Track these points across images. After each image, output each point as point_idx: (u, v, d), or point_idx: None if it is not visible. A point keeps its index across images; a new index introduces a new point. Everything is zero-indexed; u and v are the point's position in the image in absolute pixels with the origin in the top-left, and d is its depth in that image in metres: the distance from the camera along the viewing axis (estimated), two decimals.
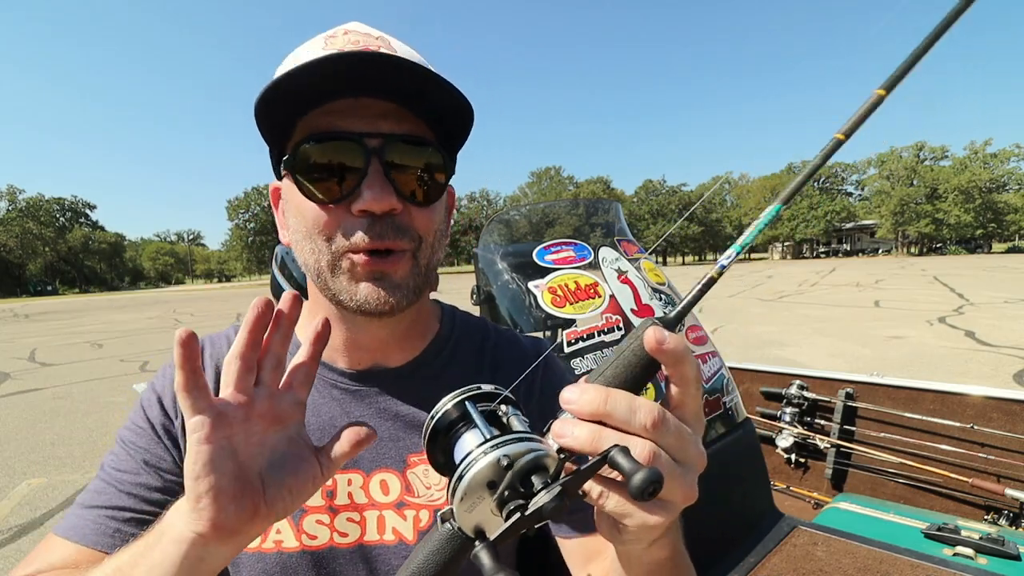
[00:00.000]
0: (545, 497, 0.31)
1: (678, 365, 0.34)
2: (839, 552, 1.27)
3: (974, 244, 57.04)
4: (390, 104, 0.52)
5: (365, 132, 0.51)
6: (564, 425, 0.34)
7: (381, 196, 0.51)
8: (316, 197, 0.52)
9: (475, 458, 0.33)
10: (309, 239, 0.54)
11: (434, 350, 0.67)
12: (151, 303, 32.03)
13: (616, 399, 0.33)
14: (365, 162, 0.51)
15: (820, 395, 2.46)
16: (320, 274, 0.55)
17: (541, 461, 0.33)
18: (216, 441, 0.37)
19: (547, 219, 2.03)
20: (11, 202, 75.19)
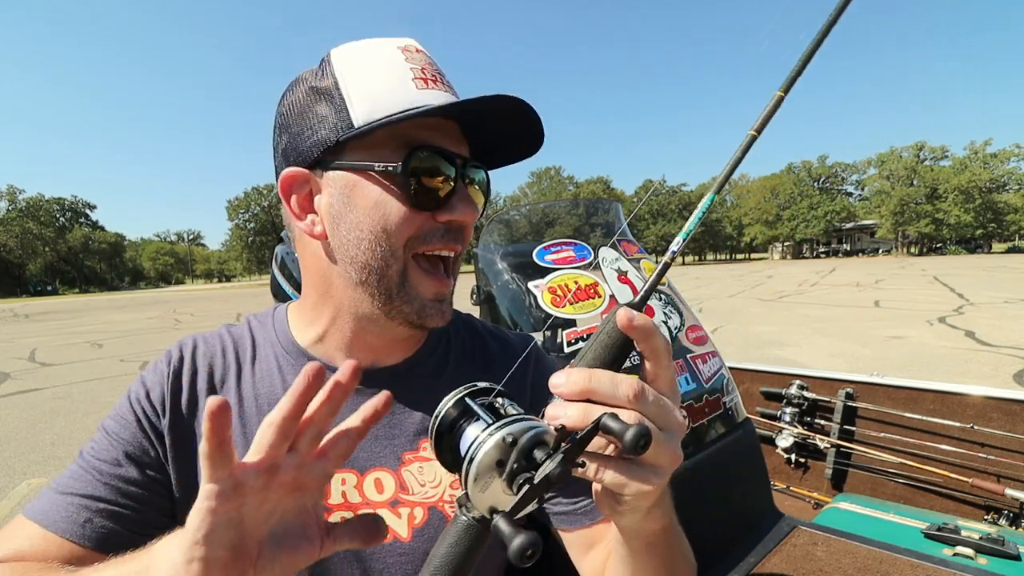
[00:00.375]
0: (550, 465, 0.34)
1: (648, 340, 0.38)
2: (839, 552, 1.27)
3: (974, 244, 57.03)
4: (460, 130, 0.60)
5: (456, 152, 0.58)
6: (556, 407, 0.38)
7: (472, 210, 0.58)
8: (419, 203, 0.56)
9: (481, 441, 0.36)
10: (383, 241, 0.56)
11: (428, 349, 0.69)
12: (151, 303, 32.03)
13: (599, 377, 0.37)
14: (455, 178, 0.57)
15: (820, 395, 2.46)
16: (383, 280, 0.57)
17: (541, 436, 0.36)
18: (224, 513, 0.35)
19: (547, 219, 2.03)
20: (11, 202, 75.19)
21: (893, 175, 59.65)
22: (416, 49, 0.59)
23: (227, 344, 0.66)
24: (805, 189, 68.98)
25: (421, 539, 0.60)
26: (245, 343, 0.67)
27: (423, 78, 0.56)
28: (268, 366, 0.64)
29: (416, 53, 0.58)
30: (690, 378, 1.59)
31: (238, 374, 0.64)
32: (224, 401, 0.32)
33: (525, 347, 0.75)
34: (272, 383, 0.63)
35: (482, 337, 0.74)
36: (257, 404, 0.62)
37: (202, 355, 0.64)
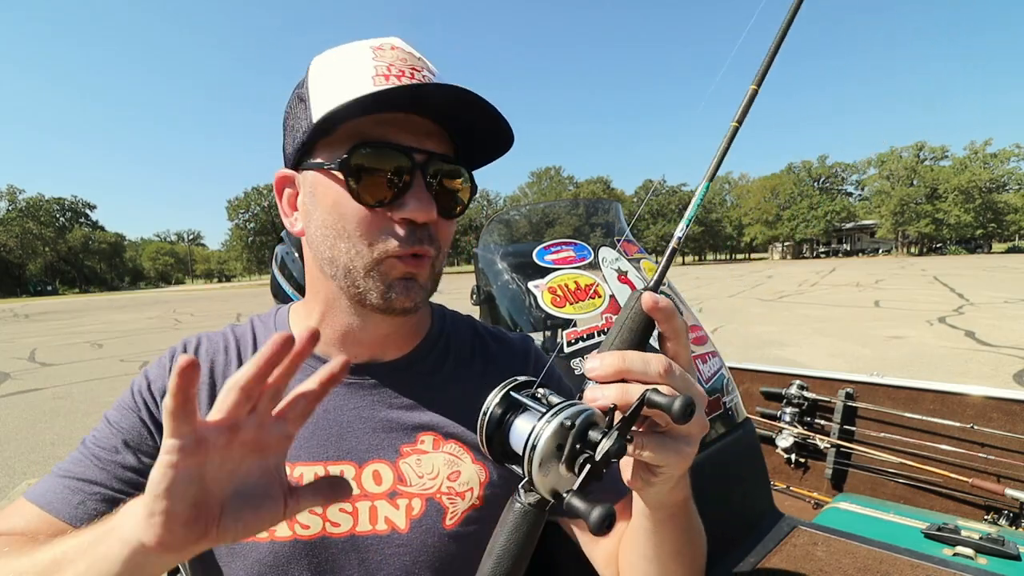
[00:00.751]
0: (607, 442, 0.37)
1: (670, 320, 0.42)
2: (839, 552, 1.27)
3: (974, 244, 57.04)
4: (433, 124, 0.58)
5: (414, 147, 0.56)
6: (593, 390, 0.41)
7: (427, 208, 0.56)
8: (364, 200, 0.55)
9: (541, 429, 0.38)
10: (346, 238, 0.56)
11: (427, 346, 0.69)
12: (151, 303, 32.04)
13: (631, 357, 0.40)
14: (412, 174, 0.55)
15: (820, 395, 2.46)
16: (350, 272, 0.57)
17: (592, 417, 0.39)
18: (185, 468, 0.36)
19: (547, 219, 2.03)
20: (11, 202, 75.21)
21: (893, 175, 59.64)
22: (392, 47, 0.58)
23: (230, 341, 0.68)
24: (805, 189, 68.99)
25: (419, 530, 0.60)
26: (247, 340, 0.68)
27: (385, 74, 0.55)
28: None
29: (390, 51, 0.58)
30: None
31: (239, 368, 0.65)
32: (192, 359, 0.33)
33: (524, 346, 0.76)
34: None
35: (481, 337, 0.75)
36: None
37: (204, 351, 0.66)
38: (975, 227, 54.14)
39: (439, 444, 0.63)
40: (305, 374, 0.63)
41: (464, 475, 0.63)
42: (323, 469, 0.60)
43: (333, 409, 0.63)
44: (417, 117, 0.57)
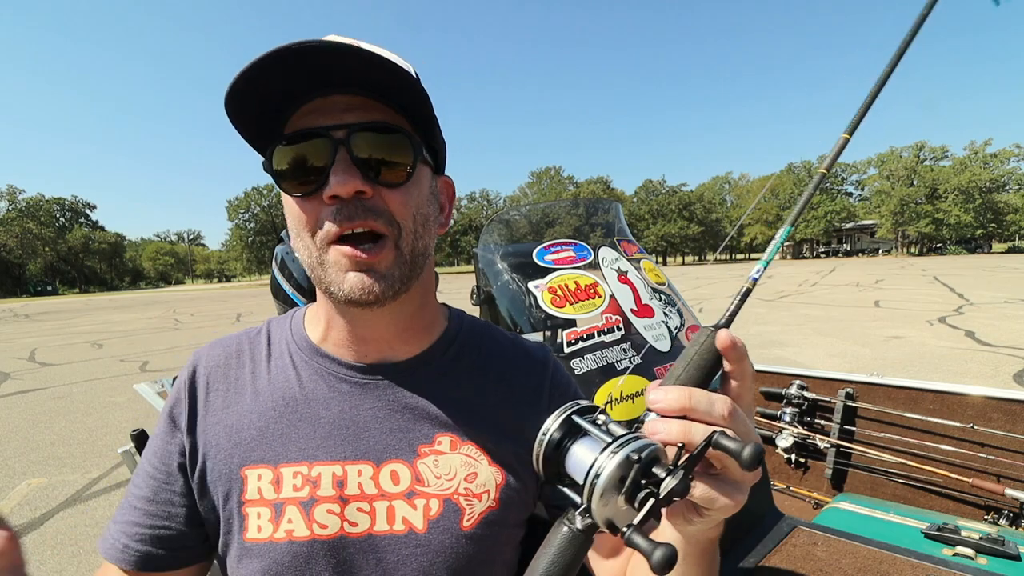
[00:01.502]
0: (672, 481, 0.37)
1: (741, 361, 0.42)
2: (839, 552, 1.27)
3: (974, 244, 57.04)
4: (357, 98, 0.56)
5: (331, 125, 0.54)
6: (656, 423, 0.40)
7: (345, 180, 0.53)
8: (292, 192, 0.56)
9: (605, 460, 0.38)
10: (298, 236, 0.58)
11: (441, 347, 0.68)
12: (151, 303, 32.05)
13: (698, 396, 0.40)
14: (332, 153, 0.54)
15: (820, 395, 2.46)
16: (312, 268, 0.58)
17: (657, 454, 0.39)
18: None
19: (547, 219, 2.03)
20: (11, 202, 75.12)
21: (893, 175, 59.65)
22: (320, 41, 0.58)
23: (243, 346, 0.69)
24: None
25: (436, 530, 0.60)
26: (262, 342, 0.69)
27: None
28: (283, 362, 0.66)
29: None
30: None
31: (253, 371, 0.66)
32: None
33: (542, 355, 0.75)
34: (287, 378, 0.65)
35: (498, 342, 0.74)
36: (273, 399, 0.64)
37: (216, 356, 0.68)
38: (975, 227, 54.15)
39: (456, 445, 0.63)
40: (320, 374, 0.64)
41: (481, 477, 0.63)
42: (340, 468, 0.60)
43: (349, 409, 0.63)
44: (339, 96, 0.55)
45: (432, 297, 0.71)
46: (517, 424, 0.67)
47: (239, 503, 0.60)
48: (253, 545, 0.59)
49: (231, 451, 0.61)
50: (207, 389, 0.65)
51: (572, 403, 0.44)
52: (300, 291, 1.72)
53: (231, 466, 0.61)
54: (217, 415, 0.63)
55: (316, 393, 0.63)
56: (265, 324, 0.73)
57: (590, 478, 0.38)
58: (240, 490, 0.60)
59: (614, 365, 1.47)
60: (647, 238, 69.84)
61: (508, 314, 1.62)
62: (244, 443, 0.61)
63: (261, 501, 0.59)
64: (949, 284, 17.27)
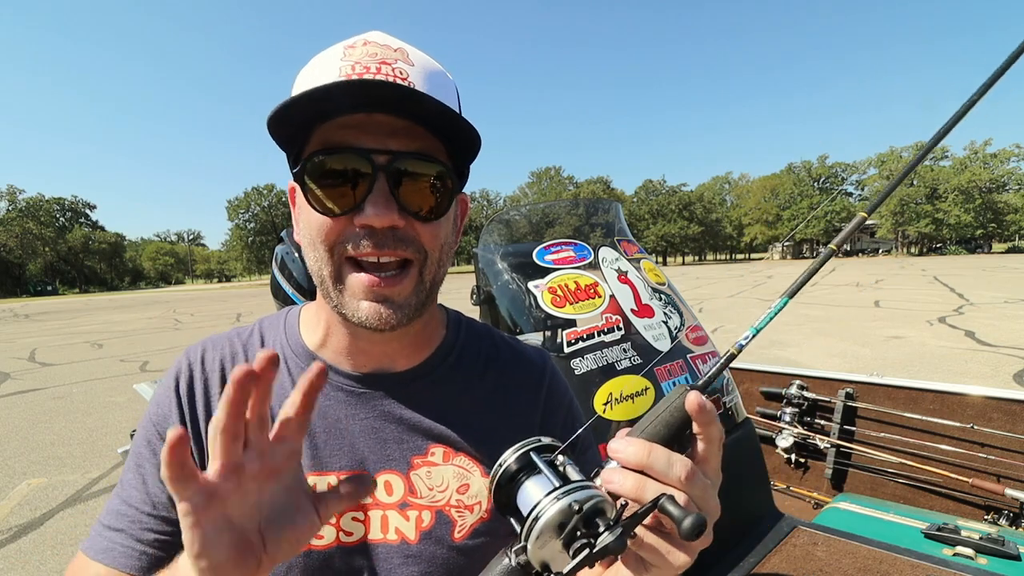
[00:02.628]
0: (609, 537, 0.37)
1: (709, 426, 0.42)
2: (839, 552, 1.27)
3: (974, 244, 57.04)
4: (402, 121, 0.53)
5: (374, 148, 0.52)
6: (613, 473, 0.41)
7: (383, 212, 0.52)
8: (323, 207, 0.53)
9: (548, 504, 0.38)
10: (313, 247, 0.56)
11: (439, 356, 0.68)
12: (151, 303, 32.05)
13: (657, 454, 0.40)
14: (371, 178, 0.52)
15: (820, 395, 2.46)
16: (323, 283, 0.56)
17: (602, 505, 0.39)
18: (207, 523, 0.37)
19: (547, 219, 2.03)
20: (11, 202, 75.10)
21: (893, 175, 59.53)
22: (365, 43, 0.55)
23: (236, 347, 0.67)
24: (805, 189, 69.03)
25: (428, 542, 0.60)
26: (255, 345, 0.67)
27: (348, 75, 0.52)
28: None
29: (362, 47, 0.54)
30: (690, 378, 1.59)
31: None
32: (180, 435, 0.35)
33: (541, 361, 0.74)
34: (282, 384, 0.63)
35: (498, 348, 0.73)
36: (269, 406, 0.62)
37: (212, 359, 0.65)
38: (975, 227, 54.14)
39: (449, 457, 0.63)
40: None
41: (473, 488, 0.63)
42: (335, 478, 0.60)
43: (344, 419, 0.62)
44: (382, 116, 0.52)
45: (435, 308, 0.70)
46: (511, 434, 0.66)
47: None
48: None
49: None
50: (205, 395, 0.63)
51: (534, 439, 0.45)
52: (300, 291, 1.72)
53: None
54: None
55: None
56: (256, 325, 0.71)
57: (530, 518, 0.38)
58: None
59: (614, 365, 1.47)
60: (647, 238, 69.81)
61: (508, 314, 1.61)
62: None
63: None
64: (949, 284, 17.27)
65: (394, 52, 0.55)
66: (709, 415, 0.41)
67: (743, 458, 1.63)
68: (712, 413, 0.42)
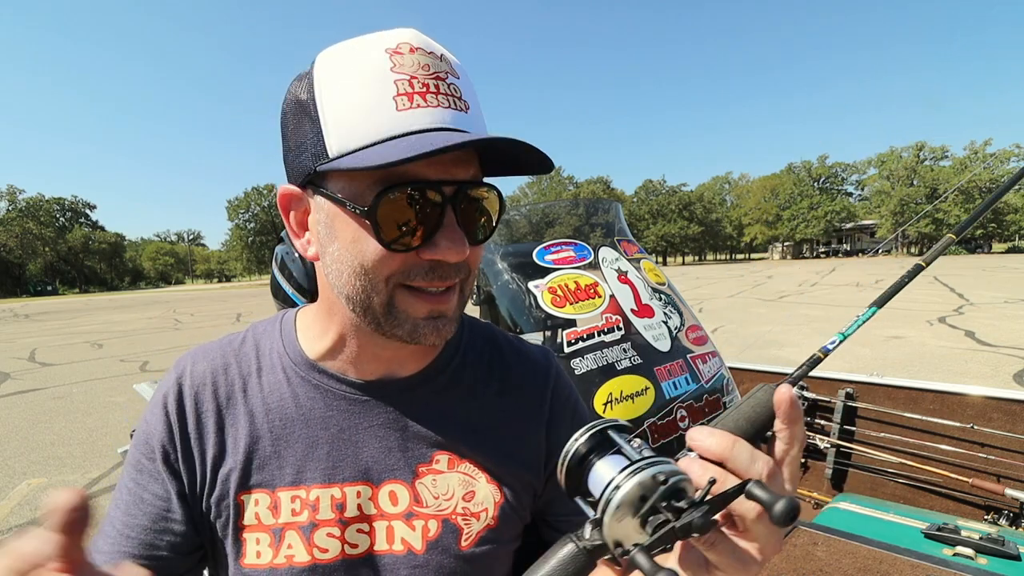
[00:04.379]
0: (695, 514, 0.35)
1: (794, 424, 0.40)
2: (839, 552, 1.27)
3: (974, 244, 57.06)
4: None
5: (441, 180, 0.50)
6: (692, 463, 0.39)
7: (460, 248, 0.51)
8: (388, 243, 0.50)
9: (626, 477, 0.36)
10: (363, 276, 0.52)
11: (444, 361, 0.66)
12: (151, 303, 32.04)
13: (741, 448, 0.38)
14: (441, 212, 0.51)
15: (820, 395, 2.46)
16: (369, 309, 0.54)
17: (685, 483, 0.37)
18: None
19: (547, 219, 2.03)
20: (11, 202, 75.04)
21: (893, 175, 59.66)
22: (411, 48, 0.51)
23: (229, 358, 0.64)
24: (805, 189, 68.98)
25: (435, 552, 0.60)
26: (249, 355, 0.65)
27: (408, 93, 0.49)
28: (275, 378, 0.63)
29: (410, 54, 0.50)
30: (690, 378, 1.59)
31: (244, 388, 0.62)
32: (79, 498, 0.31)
33: (545, 361, 0.73)
34: (281, 396, 0.62)
35: (500, 349, 0.72)
36: (268, 419, 0.61)
37: (203, 372, 0.63)
38: (975, 227, 54.12)
39: (454, 464, 0.62)
40: (318, 391, 0.61)
41: (479, 495, 0.62)
42: (339, 491, 0.59)
43: (347, 428, 0.61)
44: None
45: None
46: (517, 438, 0.66)
47: (236, 529, 0.58)
48: (252, 571, 0.58)
49: (226, 476, 0.59)
50: (196, 411, 0.61)
51: (606, 419, 0.43)
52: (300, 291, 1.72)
53: (226, 492, 0.59)
54: (210, 439, 0.60)
55: (313, 412, 0.61)
56: (249, 331, 0.68)
57: (608, 491, 0.36)
58: (237, 516, 0.58)
59: (614, 365, 1.47)
60: (647, 238, 69.79)
61: (508, 314, 1.61)
62: (239, 467, 0.59)
63: (259, 527, 0.58)
64: (949, 284, 17.27)
65: (440, 61, 0.52)
66: (798, 412, 0.39)
67: None
68: (800, 411, 0.40)
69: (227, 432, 0.60)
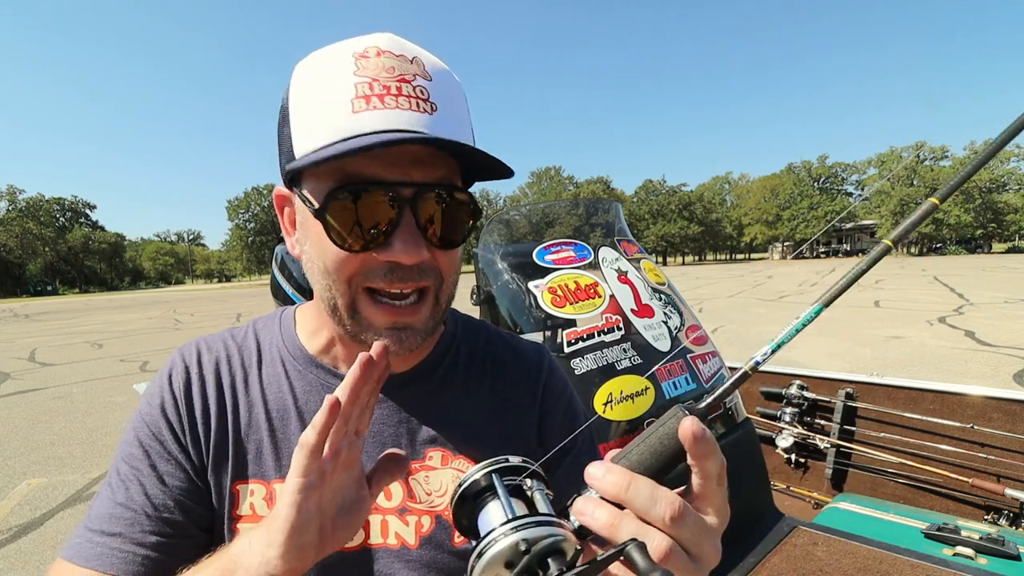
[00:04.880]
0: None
1: (705, 459, 0.35)
2: (839, 552, 1.27)
3: (974, 244, 57.07)
4: (425, 148, 0.51)
5: (399, 181, 0.50)
6: (586, 504, 0.36)
7: (413, 250, 0.51)
8: (344, 242, 0.51)
9: (495, 538, 0.35)
10: (326, 276, 0.53)
11: (437, 357, 0.67)
12: (151, 303, 32.05)
13: (638, 487, 0.35)
14: (398, 213, 0.50)
15: (820, 395, 2.46)
16: (336, 311, 0.55)
17: (559, 546, 0.35)
18: (310, 503, 0.40)
19: (547, 219, 2.03)
20: (11, 202, 75.08)
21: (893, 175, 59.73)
22: (378, 52, 0.51)
23: (232, 349, 0.65)
24: (805, 189, 69.03)
25: (428, 547, 0.60)
26: (250, 347, 0.65)
27: (366, 95, 0.49)
28: (275, 371, 0.63)
29: (376, 57, 0.51)
30: (690, 378, 1.59)
31: (245, 379, 0.63)
32: (334, 403, 0.38)
33: (538, 357, 0.73)
34: (280, 389, 0.62)
35: (494, 345, 0.72)
36: (267, 410, 0.61)
37: (207, 361, 0.63)
38: (975, 227, 54.17)
39: (447, 460, 0.62)
40: (314, 387, 0.62)
41: None
42: None
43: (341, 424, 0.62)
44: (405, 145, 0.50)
45: None
46: (510, 435, 0.66)
47: (231, 519, 0.58)
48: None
49: (224, 464, 0.59)
50: (203, 395, 0.61)
51: (502, 457, 0.41)
52: (300, 291, 1.72)
53: (222, 480, 0.59)
54: (213, 424, 0.60)
55: (310, 406, 0.61)
56: (250, 326, 0.69)
57: (480, 546, 0.36)
58: (232, 506, 0.58)
59: (614, 365, 1.47)
60: (647, 238, 69.79)
61: (508, 314, 1.62)
62: (235, 457, 0.59)
63: (254, 517, 0.58)
64: (949, 284, 17.27)
65: (410, 64, 0.52)
66: (706, 446, 0.34)
67: (743, 458, 1.64)
68: (710, 444, 0.35)
69: (228, 420, 0.61)
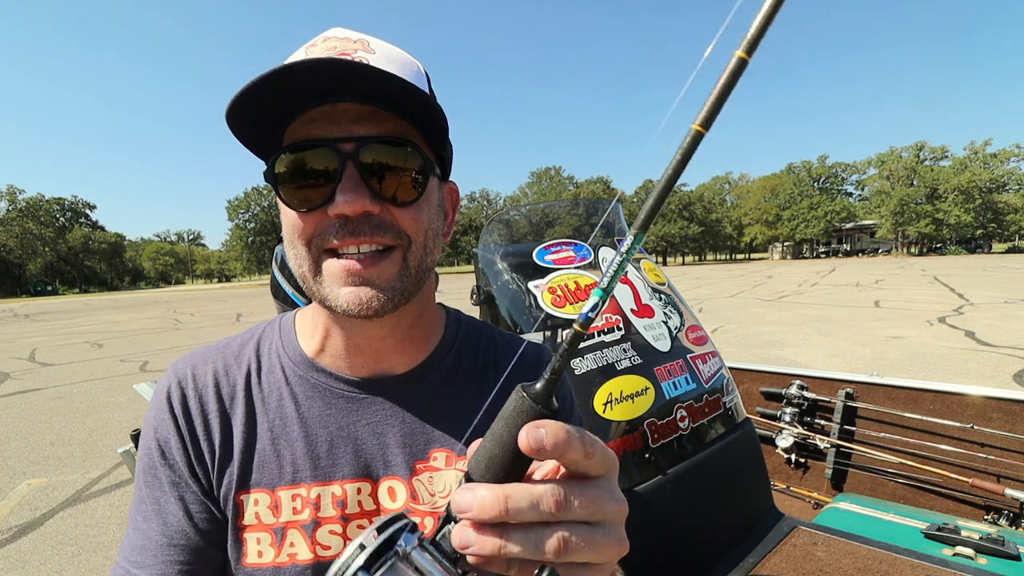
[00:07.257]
0: None
1: (564, 457, 0.31)
2: (839, 552, 1.27)
3: (974, 244, 57.05)
4: (367, 108, 0.53)
5: (339, 137, 0.52)
6: (465, 535, 0.32)
7: (354, 198, 0.51)
8: (295, 204, 0.53)
9: None
10: (292, 245, 0.56)
11: (438, 357, 0.67)
12: (151, 303, 32.04)
13: (517, 498, 0.31)
14: (339, 167, 0.52)
15: (820, 395, 2.46)
16: (304, 279, 0.56)
17: None
18: None
19: (547, 219, 2.03)
20: (11, 202, 75.00)
21: (893, 175, 59.70)
22: (326, 39, 0.55)
23: (230, 360, 0.65)
24: (805, 189, 69.04)
25: None
26: (249, 355, 0.65)
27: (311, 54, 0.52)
28: (275, 378, 0.63)
29: (323, 43, 0.55)
30: (690, 378, 1.59)
31: (246, 387, 0.63)
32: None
33: (536, 356, 0.73)
34: (280, 395, 0.62)
35: (495, 345, 0.72)
36: (267, 419, 0.61)
37: (204, 374, 0.63)
38: (975, 227, 54.15)
39: (452, 461, 0.62)
40: (316, 390, 0.62)
41: None
42: (340, 488, 0.59)
43: (346, 426, 0.61)
44: (345, 104, 0.52)
45: (431, 304, 0.69)
46: None
47: (236, 529, 0.58)
48: (255, 570, 0.58)
49: (228, 477, 0.59)
50: (202, 412, 0.61)
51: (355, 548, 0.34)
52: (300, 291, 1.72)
53: (228, 493, 0.59)
54: (216, 439, 0.60)
55: (312, 411, 0.61)
56: (249, 333, 0.69)
57: None
58: (236, 516, 0.59)
59: (614, 365, 1.47)
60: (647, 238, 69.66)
61: (508, 314, 1.62)
62: (238, 467, 0.59)
63: (259, 526, 0.58)
64: (949, 284, 17.27)
65: (354, 43, 0.55)
66: (556, 450, 0.30)
67: (743, 458, 1.64)
68: (560, 443, 0.30)
69: (230, 431, 0.61)
